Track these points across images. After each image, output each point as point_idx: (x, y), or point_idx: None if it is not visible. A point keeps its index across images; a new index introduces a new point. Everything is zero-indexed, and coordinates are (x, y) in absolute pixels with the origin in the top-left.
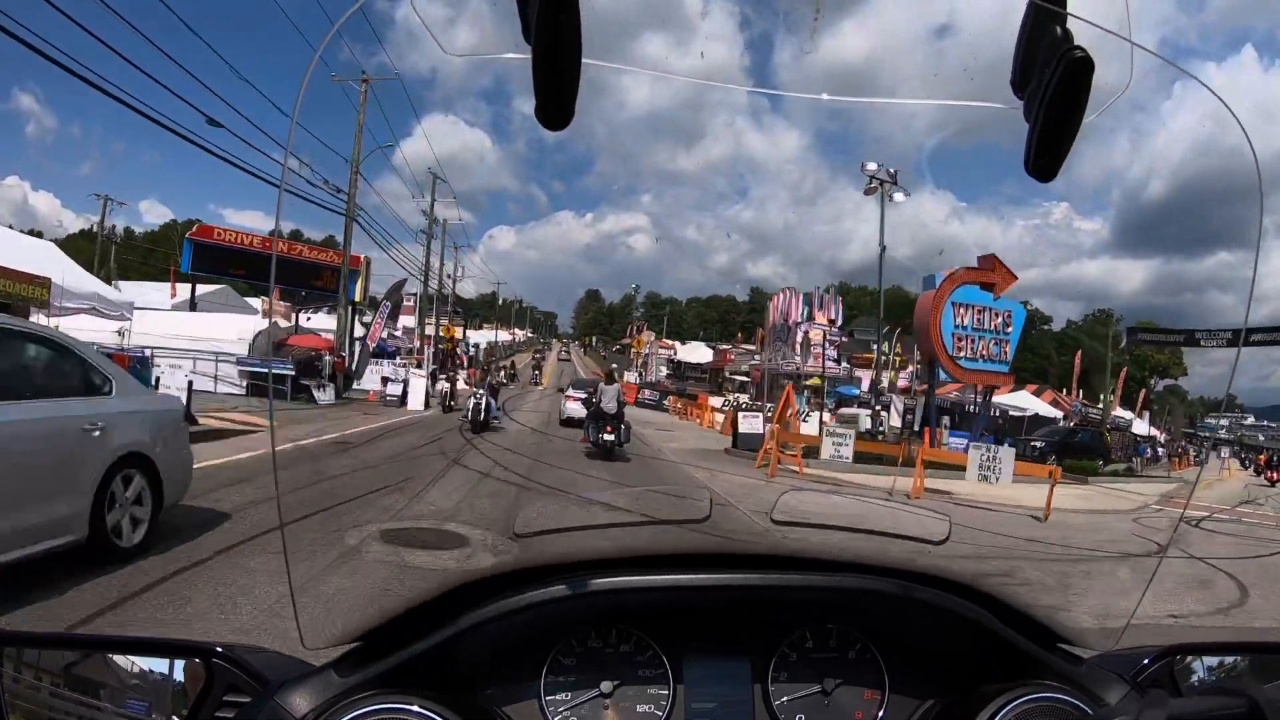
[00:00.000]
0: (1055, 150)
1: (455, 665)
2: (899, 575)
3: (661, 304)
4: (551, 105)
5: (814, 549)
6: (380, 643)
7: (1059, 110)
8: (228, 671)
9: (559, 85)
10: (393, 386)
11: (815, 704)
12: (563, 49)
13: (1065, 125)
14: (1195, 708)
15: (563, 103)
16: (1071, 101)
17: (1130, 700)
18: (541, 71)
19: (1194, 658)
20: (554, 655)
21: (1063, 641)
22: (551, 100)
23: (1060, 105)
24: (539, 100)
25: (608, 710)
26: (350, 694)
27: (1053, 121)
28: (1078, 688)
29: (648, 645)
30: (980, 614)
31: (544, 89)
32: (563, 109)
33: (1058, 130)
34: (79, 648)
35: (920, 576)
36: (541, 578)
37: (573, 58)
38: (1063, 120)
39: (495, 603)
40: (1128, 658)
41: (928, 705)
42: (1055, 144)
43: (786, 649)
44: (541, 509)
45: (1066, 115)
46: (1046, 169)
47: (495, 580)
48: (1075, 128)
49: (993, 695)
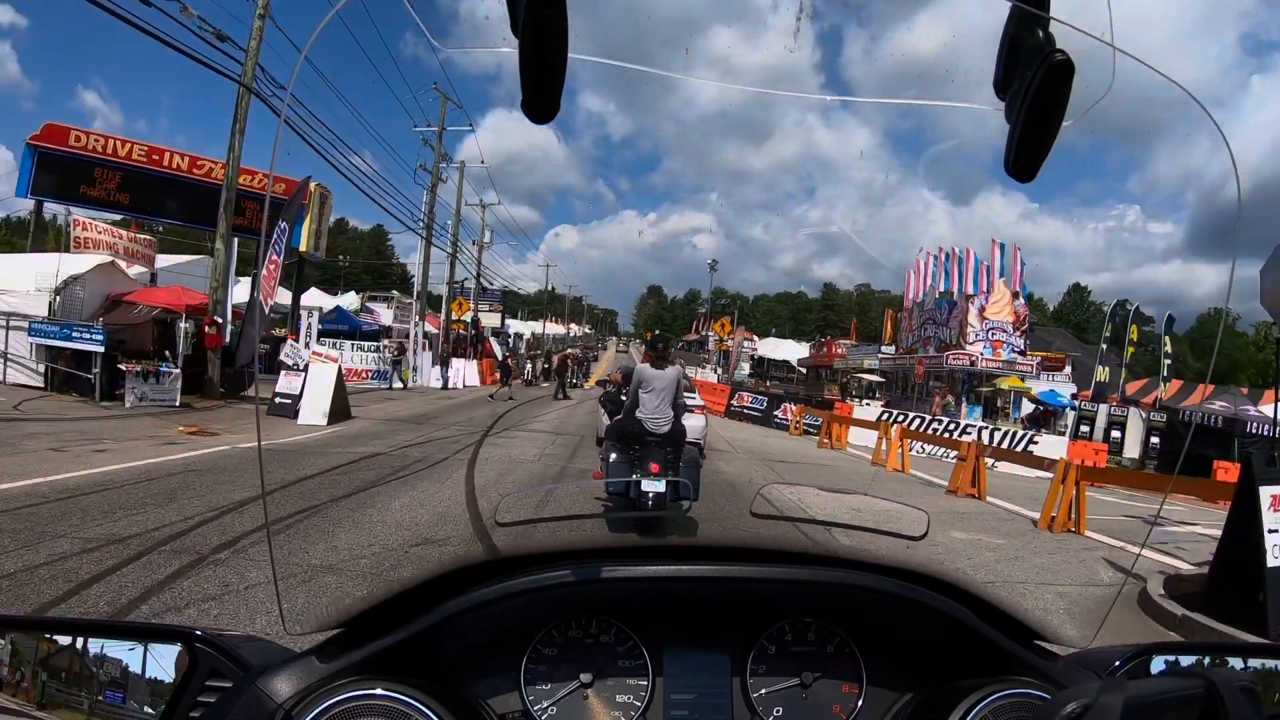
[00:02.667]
0: (1035, 151)
1: (437, 653)
2: (877, 570)
3: (730, 300)
4: (537, 97)
5: (794, 543)
6: (363, 630)
7: (1039, 112)
8: (210, 656)
9: (545, 78)
10: (286, 382)
11: (794, 697)
12: (549, 42)
13: (1045, 127)
14: (1152, 689)
15: (548, 95)
16: (1052, 104)
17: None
18: (528, 64)
19: (1169, 656)
20: (535, 645)
21: (1039, 638)
22: (537, 92)
23: (1041, 107)
24: (525, 92)
25: (588, 700)
26: (332, 680)
27: (1033, 123)
28: (1053, 684)
29: (628, 636)
30: (958, 610)
31: (530, 81)
32: (548, 101)
33: (1038, 132)
34: (59, 631)
35: (898, 571)
36: (522, 567)
37: (559, 51)
38: (1043, 122)
39: (476, 591)
40: (1103, 656)
41: (905, 699)
42: (1035, 145)
43: (765, 642)
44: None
45: (1047, 117)
46: (1026, 169)
47: (477, 569)
48: (1055, 130)
49: (969, 690)
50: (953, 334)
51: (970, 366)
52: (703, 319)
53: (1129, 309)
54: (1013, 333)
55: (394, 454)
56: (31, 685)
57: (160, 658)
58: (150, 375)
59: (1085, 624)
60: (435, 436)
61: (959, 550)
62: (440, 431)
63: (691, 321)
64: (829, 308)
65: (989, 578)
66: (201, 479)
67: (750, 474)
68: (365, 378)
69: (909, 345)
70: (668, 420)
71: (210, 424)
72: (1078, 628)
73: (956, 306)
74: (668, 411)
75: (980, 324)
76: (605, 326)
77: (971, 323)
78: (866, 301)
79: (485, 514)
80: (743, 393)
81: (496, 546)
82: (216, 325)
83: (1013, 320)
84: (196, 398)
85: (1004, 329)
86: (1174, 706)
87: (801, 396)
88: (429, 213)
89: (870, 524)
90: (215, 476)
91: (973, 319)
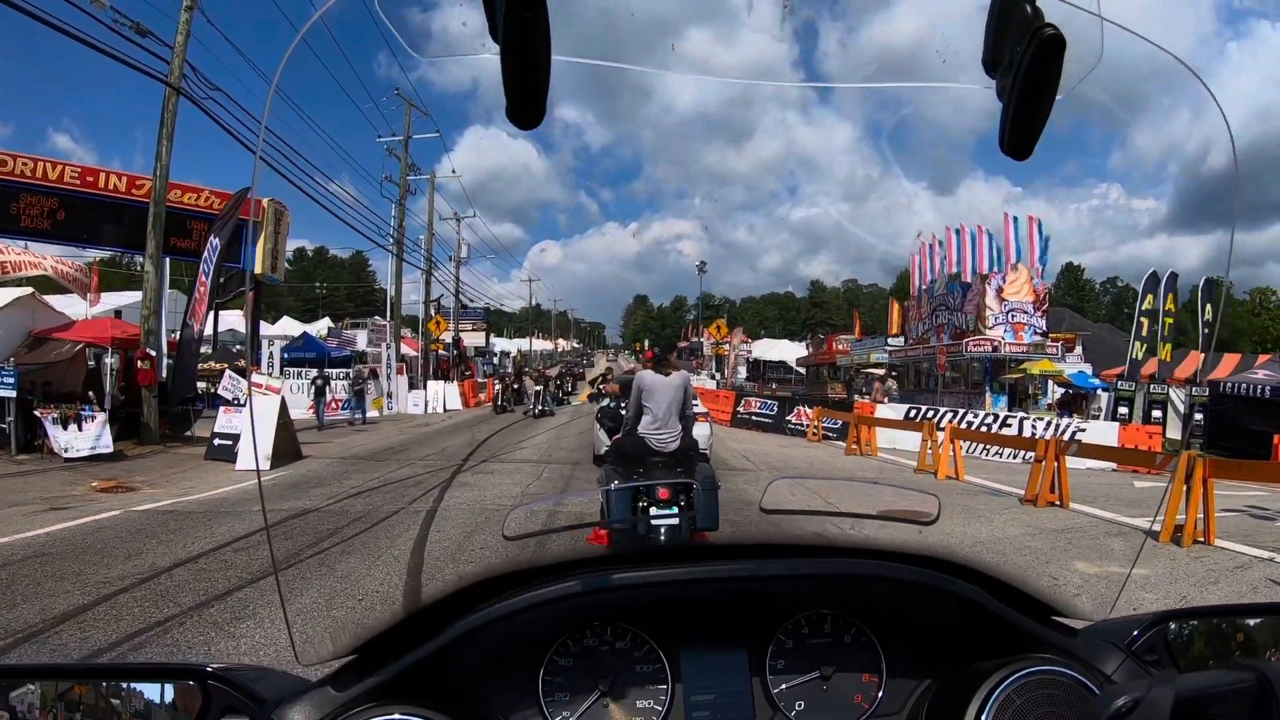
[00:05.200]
0: (1029, 128)
1: (452, 672)
2: (889, 557)
3: (717, 305)
4: (522, 103)
5: (805, 536)
6: (376, 654)
7: (1032, 88)
8: (223, 692)
9: (528, 83)
10: (226, 419)
11: (814, 690)
12: (531, 46)
13: (1038, 103)
14: (1202, 683)
15: (533, 101)
16: (1044, 79)
17: (1128, 671)
18: (510, 70)
19: (1187, 623)
20: (550, 656)
21: (1056, 614)
22: (522, 98)
23: (1033, 83)
24: (509, 99)
25: (608, 708)
26: (348, 708)
27: (1026, 100)
28: (1074, 659)
29: (644, 641)
30: (973, 591)
31: (514, 88)
32: (533, 107)
33: (1031, 108)
34: (72, 678)
35: (910, 557)
36: (532, 579)
37: (541, 54)
38: (1036, 98)
39: (488, 607)
40: (1121, 626)
41: (926, 684)
42: (1029, 122)
43: (782, 637)
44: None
45: (1039, 93)
46: (1021, 146)
47: (487, 584)
48: (1049, 105)
49: (989, 671)
50: (969, 319)
51: (992, 353)
52: (692, 325)
53: (1160, 279)
54: (1034, 313)
55: (330, 509)
56: None
57: (171, 697)
58: (69, 421)
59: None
60: (394, 477)
61: (1094, 589)
62: (402, 469)
63: (680, 328)
64: (817, 305)
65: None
66: (45, 568)
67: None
68: (335, 408)
69: (920, 335)
70: (675, 435)
71: (135, 476)
72: (1093, 600)
73: (971, 289)
74: (675, 425)
75: (1000, 306)
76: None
77: (990, 305)
78: (855, 296)
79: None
80: (749, 398)
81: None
82: (149, 359)
83: (1033, 300)
84: (131, 443)
85: (1024, 309)
86: (1225, 699)
87: (817, 398)
88: (398, 227)
89: (880, 511)
90: (62, 564)
91: (990, 301)
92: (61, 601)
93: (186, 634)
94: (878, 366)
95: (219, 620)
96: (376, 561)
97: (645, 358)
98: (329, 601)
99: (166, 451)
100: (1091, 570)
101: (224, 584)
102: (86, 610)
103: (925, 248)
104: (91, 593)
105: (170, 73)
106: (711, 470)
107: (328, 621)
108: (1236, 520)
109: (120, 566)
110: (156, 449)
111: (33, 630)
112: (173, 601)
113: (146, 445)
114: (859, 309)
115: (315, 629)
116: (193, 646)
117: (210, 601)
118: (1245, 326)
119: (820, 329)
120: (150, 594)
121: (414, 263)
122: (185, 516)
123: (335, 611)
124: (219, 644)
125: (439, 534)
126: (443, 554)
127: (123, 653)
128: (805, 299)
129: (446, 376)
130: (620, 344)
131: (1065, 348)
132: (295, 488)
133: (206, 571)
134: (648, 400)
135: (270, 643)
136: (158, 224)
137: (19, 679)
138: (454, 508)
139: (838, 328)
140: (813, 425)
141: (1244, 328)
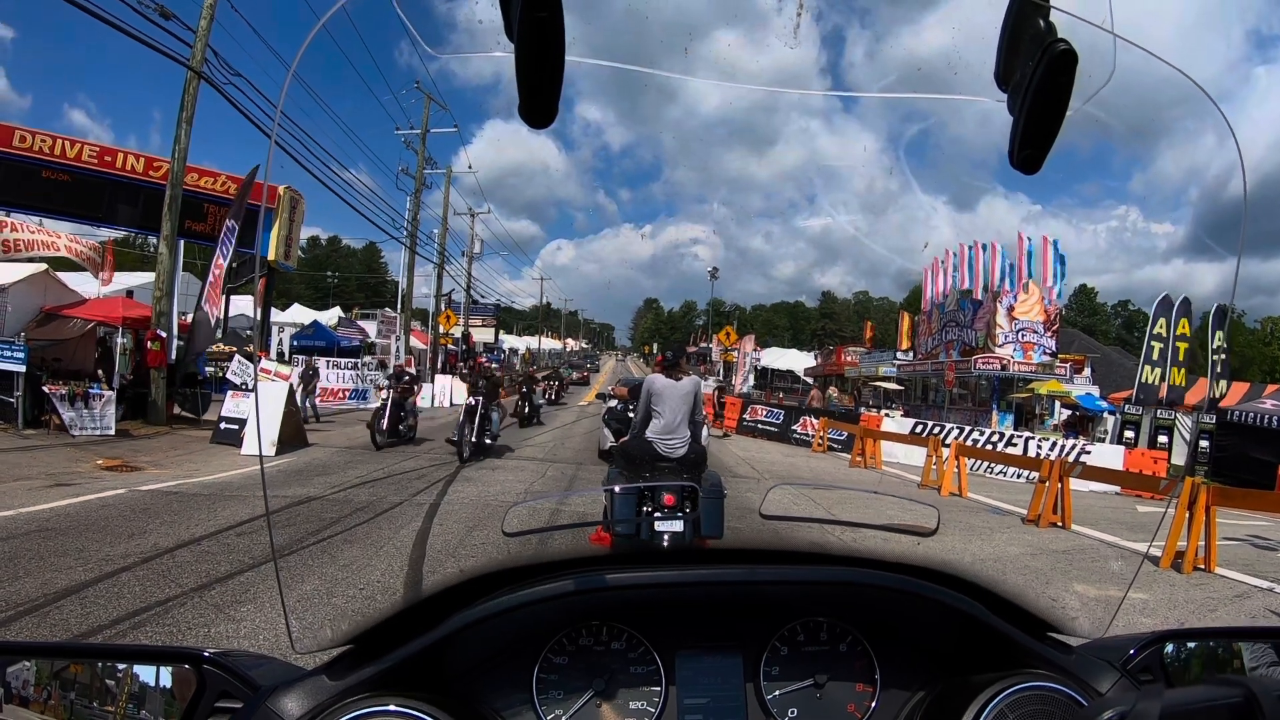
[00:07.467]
0: (1040, 143)
1: (448, 666)
2: (887, 567)
3: (727, 312)
4: (533, 102)
5: (803, 543)
6: (372, 645)
7: (1043, 103)
8: (219, 677)
9: (541, 82)
10: (234, 404)
11: (808, 697)
12: (544, 45)
13: (1049, 118)
14: (1190, 698)
15: (545, 100)
16: (1055, 94)
17: (1122, 688)
18: (523, 68)
19: (1183, 644)
20: (545, 654)
21: (1052, 630)
22: (534, 97)
23: (1044, 98)
24: (521, 97)
25: (601, 708)
26: (342, 697)
27: (1037, 114)
28: (1068, 676)
29: (639, 642)
30: (969, 604)
31: (526, 86)
32: (545, 107)
33: (1041, 123)
34: (68, 656)
35: (909, 568)
36: (530, 576)
37: (555, 54)
38: (1046, 113)
39: (484, 603)
40: (1117, 645)
41: (919, 696)
42: (1040, 137)
43: (778, 643)
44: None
45: (1050, 108)
46: (1031, 161)
47: (485, 580)
48: (1059, 120)
49: (984, 685)
50: (979, 336)
51: (1001, 371)
52: (702, 330)
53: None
54: (1044, 333)
55: (333, 498)
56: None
57: (167, 680)
58: (77, 398)
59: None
60: (398, 469)
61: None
62: (407, 461)
63: (689, 333)
64: (828, 316)
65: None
66: (48, 543)
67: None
68: (342, 397)
69: (929, 350)
70: (684, 441)
71: (140, 456)
72: (1090, 619)
73: (982, 306)
74: (684, 431)
75: (1010, 324)
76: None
77: (1000, 323)
78: (865, 308)
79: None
80: (756, 406)
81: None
82: (160, 340)
83: (1043, 320)
84: (139, 423)
85: (1034, 329)
86: (1212, 714)
87: (824, 409)
88: (412, 219)
89: (880, 521)
90: (65, 540)
91: (1001, 319)
92: (63, 577)
93: (186, 615)
94: (887, 380)
95: (219, 602)
96: (379, 552)
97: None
98: (330, 590)
99: (173, 433)
100: (1091, 593)
101: (226, 567)
102: (88, 587)
103: (937, 262)
104: (93, 570)
105: (192, 56)
106: (718, 477)
107: (328, 609)
108: (1238, 549)
109: (123, 545)
110: (163, 430)
111: (34, 604)
112: (174, 582)
113: (154, 426)
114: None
115: (315, 616)
116: (192, 627)
117: (211, 584)
118: (1255, 355)
119: (829, 339)
120: (152, 573)
121: (427, 256)
122: (189, 498)
123: (336, 600)
124: (218, 626)
125: (440, 528)
126: (444, 548)
127: (122, 630)
128: (816, 309)
129: (454, 371)
130: (629, 346)
131: (1074, 369)
132: (299, 475)
133: (209, 554)
134: (657, 405)
135: (270, 627)
136: (174, 206)
137: (15, 656)
138: (457, 502)
139: (847, 339)
140: (818, 436)
141: (1254, 356)
